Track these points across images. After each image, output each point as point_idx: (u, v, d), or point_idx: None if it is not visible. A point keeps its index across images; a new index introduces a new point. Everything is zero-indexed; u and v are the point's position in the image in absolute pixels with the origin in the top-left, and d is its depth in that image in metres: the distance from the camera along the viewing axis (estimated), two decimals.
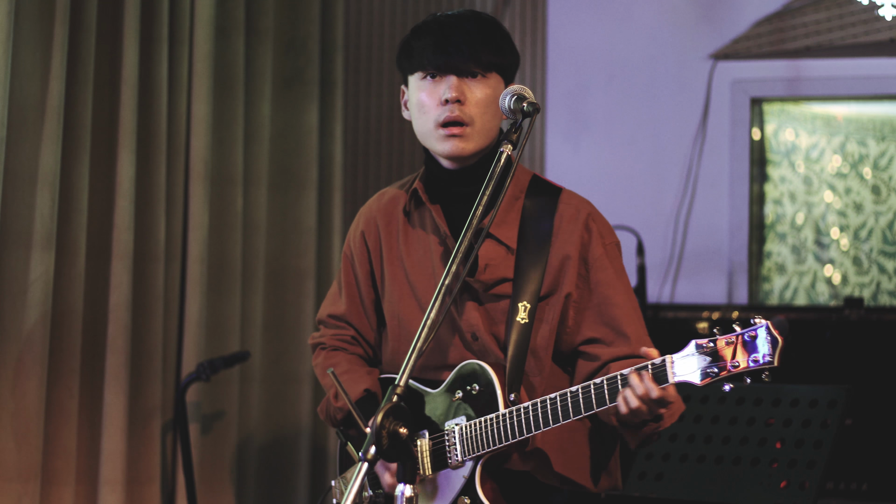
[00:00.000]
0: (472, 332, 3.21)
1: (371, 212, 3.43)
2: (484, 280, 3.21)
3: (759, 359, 2.78)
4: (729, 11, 6.77)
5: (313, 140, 6.01)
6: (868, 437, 5.59)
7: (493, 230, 3.23)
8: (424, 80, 3.24)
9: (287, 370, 5.93)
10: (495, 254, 3.23)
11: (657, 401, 2.90)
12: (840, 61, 6.64)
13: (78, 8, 4.92)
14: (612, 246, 3.28)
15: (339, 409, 3.34)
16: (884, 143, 6.97)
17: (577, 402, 2.99)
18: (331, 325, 3.49)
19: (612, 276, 3.23)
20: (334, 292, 3.50)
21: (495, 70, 3.21)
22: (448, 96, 3.18)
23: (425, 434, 3.19)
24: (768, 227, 6.91)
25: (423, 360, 3.24)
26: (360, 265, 3.41)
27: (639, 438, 3.11)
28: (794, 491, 4.07)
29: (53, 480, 4.89)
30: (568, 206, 3.27)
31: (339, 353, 3.44)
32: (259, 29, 5.82)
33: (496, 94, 3.21)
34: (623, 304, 3.22)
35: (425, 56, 3.21)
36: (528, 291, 3.18)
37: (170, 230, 5.38)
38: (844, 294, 6.85)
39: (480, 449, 3.09)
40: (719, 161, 6.77)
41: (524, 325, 3.16)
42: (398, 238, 3.35)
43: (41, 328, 4.75)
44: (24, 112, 4.74)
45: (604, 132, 6.96)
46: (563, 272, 3.21)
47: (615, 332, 3.20)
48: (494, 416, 3.08)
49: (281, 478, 5.92)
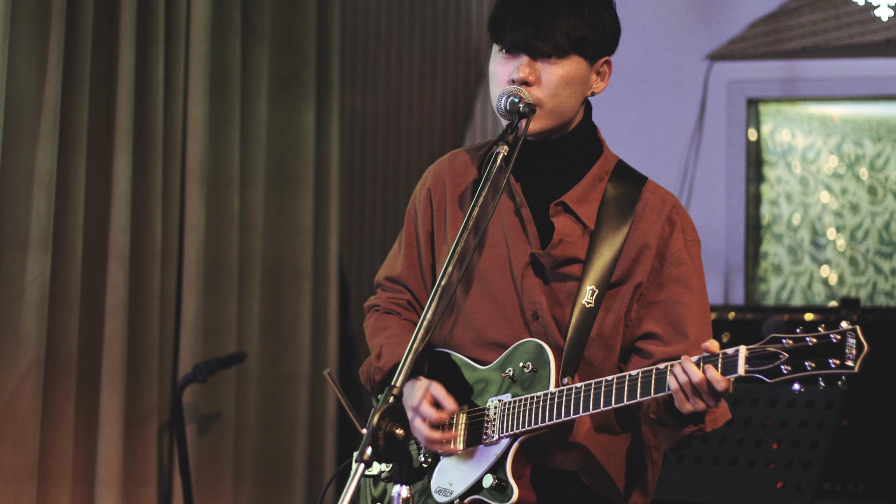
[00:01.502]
0: (535, 310, 3.06)
1: (441, 170, 3.26)
2: (555, 255, 3.06)
3: (840, 362, 2.65)
4: (725, 12, 6.77)
5: (310, 141, 6.01)
6: (865, 437, 5.59)
7: (574, 206, 3.09)
8: (500, 53, 3.09)
9: (284, 371, 5.92)
10: (571, 231, 3.08)
11: (715, 392, 2.76)
12: (836, 62, 6.64)
13: (74, 9, 4.92)
14: (694, 243, 3.13)
15: (378, 368, 3.17)
16: (880, 143, 6.98)
17: (635, 385, 2.83)
18: (388, 287, 3.31)
19: (686, 273, 3.09)
20: (394, 253, 3.32)
21: (575, 51, 3.05)
22: (515, 77, 3.04)
23: (465, 409, 3.05)
24: (765, 228, 6.92)
25: (475, 333, 3.11)
26: (423, 224, 3.24)
27: (676, 439, 2.97)
28: (790, 491, 4.07)
29: (50, 481, 4.89)
30: (653, 195, 3.16)
31: (392, 317, 3.27)
32: (255, 30, 5.82)
33: (575, 74, 3.06)
34: (691, 305, 3.07)
35: (502, 30, 3.06)
36: (598, 275, 3.03)
37: (166, 231, 5.38)
38: (841, 295, 6.86)
39: (519, 427, 2.94)
40: (715, 162, 6.77)
41: (589, 308, 3.02)
42: (466, 203, 3.19)
43: (38, 329, 4.75)
44: (21, 113, 4.74)
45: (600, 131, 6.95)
46: (638, 261, 3.07)
47: (676, 330, 3.03)
48: (542, 394, 2.94)
49: (278, 479, 5.91)
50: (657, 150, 6.84)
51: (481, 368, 3.09)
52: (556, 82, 3.05)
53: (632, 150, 6.87)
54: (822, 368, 2.66)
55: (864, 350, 2.66)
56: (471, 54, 7.16)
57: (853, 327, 2.67)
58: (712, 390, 2.76)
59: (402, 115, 6.98)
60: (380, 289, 3.36)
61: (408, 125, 7.00)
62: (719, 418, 2.96)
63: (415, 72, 7.04)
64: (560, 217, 3.10)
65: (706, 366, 2.76)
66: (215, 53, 5.61)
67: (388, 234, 6.89)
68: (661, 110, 6.86)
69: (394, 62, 7.00)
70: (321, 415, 6.04)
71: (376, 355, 3.20)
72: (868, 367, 5.12)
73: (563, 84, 3.06)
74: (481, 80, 7.12)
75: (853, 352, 2.66)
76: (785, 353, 2.69)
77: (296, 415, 5.94)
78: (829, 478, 5.61)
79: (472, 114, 7.13)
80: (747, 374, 2.72)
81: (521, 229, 3.12)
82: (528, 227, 3.11)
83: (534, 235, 3.10)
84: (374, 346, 3.24)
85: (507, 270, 3.12)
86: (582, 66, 3.09)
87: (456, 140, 7.07)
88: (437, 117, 7.08)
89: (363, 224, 6.94)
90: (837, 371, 2.65)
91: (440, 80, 7.09)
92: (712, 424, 2.95)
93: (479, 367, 3.10)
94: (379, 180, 6.94)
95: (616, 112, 6.95)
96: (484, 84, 7.10)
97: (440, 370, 3.15)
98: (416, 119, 7.02)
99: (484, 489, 2.98)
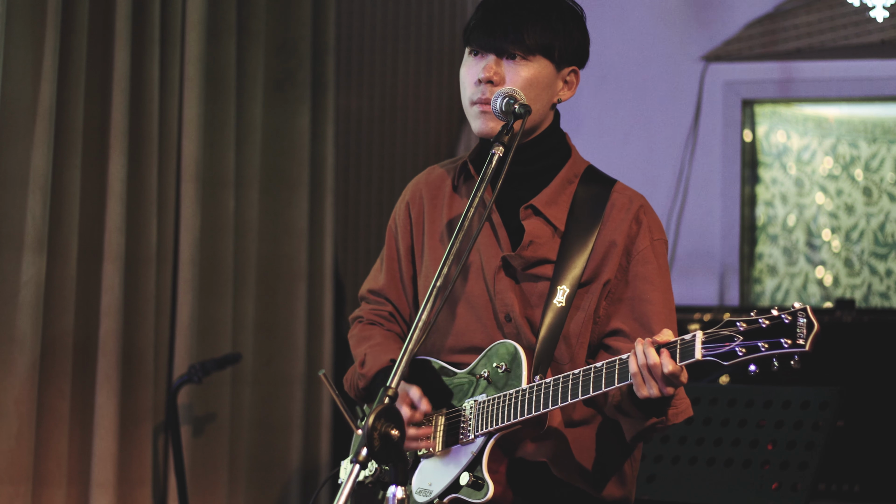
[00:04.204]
0: (507, 312, 3.15)
1: (418, 185, 3.37)
2: (526, 256, 3.16)
3: (792, 342, 2.71)
4: (720, 13, 6.78)
5: (305, 142, 6.01)
6: (860, 438, 5.60)
7: (543, 209, 3.17)
8: (469, 56, 3.20)
9: (279, 372, 5.92)
10: (542, 233, 3.17)
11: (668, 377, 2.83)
12: (831, 63, 6.65)
13: (69, 10, 4.92)
14: (660, 242, 3.21)
15: (362, 375, 3.28)
16: (875, 144, 6.98)
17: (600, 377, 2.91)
18: (370, 300, 3.43)
19: (652, 271, 3.17)
20: (376, 268, 3.44)
21: (541, 53, 3.14)
22: (480, 76, 3.13)
23: (443, 411, 3.14)
24: (760, 229, 6.92)
25: (451, 339, 3.20)
26: (403, 238, 3.36)
27: (637, 429, 3.04)
28: (785, 492, 4.08)
29: (45, 482, 4.89)
30: (621, 196, 3.21)
31: (375, 328, 3.38)
32: (250, 31, 5.82)
33: (539, 77, 3.14)
34: (657, 302, 3.16)
35: (472, 32, 3.17)
36: (569, 276, 3.12)
37: (161, 232, 5.38)
38: (836, 296, 6.86)
39: (493, 424, 3.03)
40: (711, 163, 6.78)
41: (560, 308, 3.10)
42: (442, 213, 3.29)
43: (33, 330, 4.75)
44: (16, 114, 4.73)
45: (595, 133, 6.96)
46: (606, 259, 3.15)
47: (643, 327, 3.12)
48: (514, 391, 3.02)
49: (272, 480, 5.91)
50: (653, 151, 6.85)
51: (458, 372, 3.17)
52: (520, 83, 3.13)
53: (627, 151, 6.91)
54: (775, 349, 2.73)
55: (814, 329, 2.72)
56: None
57: (804, 307, 2.73)
58: (666, 375, 2.83)
59: (397, 116, 6.98)
60: (363, 301, 3.47)
61: (403, 126, 7.00)
62: (681, 413, 3.04)
63: (410, 73, 7.04)
64: (530, 220, 3.18)
65: (662, 350, 2.84)
66: (210, 54, 5.60)
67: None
68: (656, 111, 6.87)
69: (389, 63, 7.00)
70: (316, 416, 6.05)
71: (360, 363, 3.31)
72: (863, 367, 5.14)
73: (528, 84, 3.13)
74: None
75: (804, 331, 2.72)
76: (739, 336, 2.76)
77: (291, 416, 5.94)
78: (825, 479, 5.61)
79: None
80: (704, 357, 2.80)
81: (492, 234, 3.21)
82: (498, 232, 3.20)
83: (504, 239, 3.19)
84: (358, 355, 3.35)
85: (480, 275, 3.20)
86: (547, 70, 3.17)
87: (451, 140, 7.07)
88: (432, 118, 7.08)
89: (358, 225, 6.94)
90: (790, 350, 2.72)
91: (435, 81, 7.09)
92: (674, 418, 3.03)
93: (457, 370, 3.18)
94: (374, 181, 6.94)
95: (612, 113, 6.96)
96: None
97: (420, 377, 3.22)
98: (412, 120, 7.02)
99: (461, 487, 3.06)
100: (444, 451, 3.12)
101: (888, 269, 6.88)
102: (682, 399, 3.05)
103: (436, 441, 3.13)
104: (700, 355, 2.80)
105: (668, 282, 3.22)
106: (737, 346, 2.76)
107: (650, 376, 2.86)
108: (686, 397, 3.07)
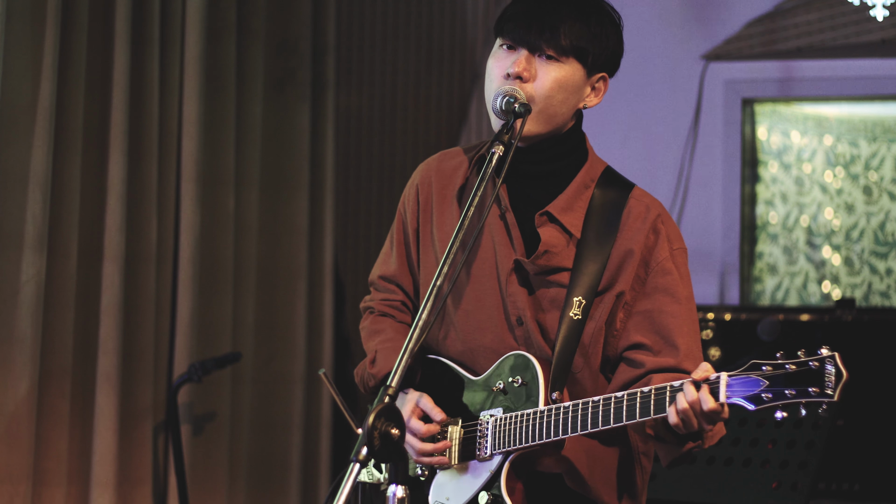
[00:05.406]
0: (518, 315, 3.07)
1: (429, 170, 3.28)
2: (540, 265, 3.06)
3: (819, 390, 2.64)
4: (721, 12, 6.78)
5: (305, 141, 6.01)
6: (860, 437, 5.60)
7: (559, 216, 3.08)
8: (500, 48, 3.09)
9: (279, 371, 5.92)
10: (557, 241, 3.08)
11: (709, 414, 2.76)
12: (832, 62, 6.65)
13: (69, 9, 4.92)
14: (679, 251, 3.11)
15: (372, 375, 3.21)
16: (875, 143, 6.98)
17: (621, 409, 2.85)
18: (381, 287, 3.34)
19: (672, 282, 3.07)
20: (386, 251, 3.35)
21: (574, 55, 3.06)
22: (511, 70, 3.04)
23: (458, 422, 3.08)
24: (760, 228, 6.92)
25: (461, 343, 3.13)
26: (411, 221, 3.27)
27: (674, 455, 2.97)
28: (785, 491, 4.08)
29: (45, 482, 4.89)
30: (638, 203, 3.11)
31: (387, 320, 3.30)
32: (250, 30, 5.82)
33: (570, 80, 3.06)
34: (678, 314, 3.05)
35: (508, 24, 3.07)
36: (585, 285, 3.03)
37: (161, 231, 5.38)
38: (834, 292, 6.86)
39: (512, 444, 2.97)
40: (711, 162, 6.78)
41: (576, 321, 3.02)
42: (451, 206, 3.21)
43: (33, 329, 4.75)
44: (15, 113, 4.73)
45: (595, 132, 6.92)
46: (621, 269, 3.06)
47: (665, 340, 3.02)
48: (532, 411, 2.96)
49: (273, 479, 5.91)
50: (653, 150, 6.85)
51: (472, 379, 3.12)
52: (550, 83, 3.05)
53: (628, 151, 6.90)
54: (802, 396, 2.67)
55: (843, 378, 2.65)
56: (466, 54, 7.16)
57: (832, 354, 2.67)
58: (704, 414, 2.77)
59: (397, 116, 6.98)
60: (374, 288, 3.38)
61: (403, 125, 7.00)
62: (717, 434, 2.96)
63: (410, 72, 7.04)
64: (545, 227, 3.10)
65: (703, 385, 2.76)
66: (210, 53, 5.60)
67: (384, 234, 6.84)
68: (656, 110, 6.87)
69: (389, 62, 7.00)
70: (316, 415, 6.05)
71: (370, 360, 3.24)
72: (863, 367, 5.14)
73: (557, 86, 3.06)
74: (476, 81, 7.13)
75: (832, 380, 2.65)
76: (766, 381, 2.70)
77: (291, 415, 5.94)
78: (825, 478, 5.61)
79: (468, 114, 7.13)
80: (729, 401, 2.73)
81: (505, 234, 3.13)
82: (512, 233, 3.12)
83: (518, 241, 3.11)
84: (370, 350, 3.27)
85: (494, 274, 3.13)
86: (578, 74, 3.10)
87: (451, 140, 7.07)
88: (432, 117, 7.08)
89: (358, 224, 6.94)
90: (817, 399, 2.65)
91: (435, 80, 7.09)
92: (710, 441, 2.96)
93: (470, 376, 3.12)
94: (374, 180, 6.94)
95: (612, 112, 6.96)
96: (479, 84, 7.10)
97: (432, 379, 3.18)
98: (412, 119, 7.02)
99: None
100: (460, 466, 3.06)
101: (888, 268, 6.88)
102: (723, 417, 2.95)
103: (452, 454, 3.07)
104: (724, 398, 2.74)
105: (690, 291, 3.12)
106: (762, 391, 2.69)
107: (694, 417, 2.79)
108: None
